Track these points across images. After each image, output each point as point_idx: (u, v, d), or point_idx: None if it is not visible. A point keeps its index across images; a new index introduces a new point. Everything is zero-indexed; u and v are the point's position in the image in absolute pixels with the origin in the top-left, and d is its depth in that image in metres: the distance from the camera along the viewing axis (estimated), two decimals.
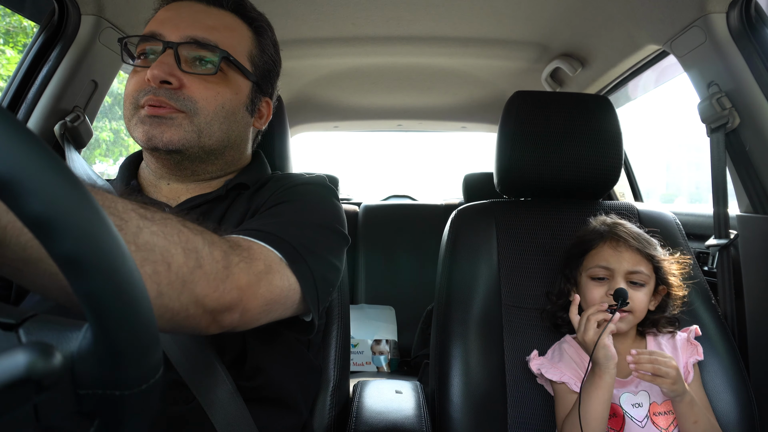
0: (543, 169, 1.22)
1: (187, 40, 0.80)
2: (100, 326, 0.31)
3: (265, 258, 0.65)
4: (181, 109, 0.79)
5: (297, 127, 2.91)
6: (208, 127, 0.82)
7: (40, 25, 1.30)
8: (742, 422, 1.02)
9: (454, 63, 2.05)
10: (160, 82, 0.78)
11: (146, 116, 0.79)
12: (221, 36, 0.83)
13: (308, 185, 0.89)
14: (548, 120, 1.22)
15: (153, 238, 0.50)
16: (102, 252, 0.29)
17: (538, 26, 1.67)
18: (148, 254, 0.49)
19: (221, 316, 0.58)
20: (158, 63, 0.78)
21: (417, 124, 3.01)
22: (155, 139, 0.79)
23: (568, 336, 1.08)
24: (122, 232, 0.47)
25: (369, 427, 1.02)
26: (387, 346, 2.29)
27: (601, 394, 0.90)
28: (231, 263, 0.58)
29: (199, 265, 0.54)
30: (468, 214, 1.27)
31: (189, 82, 0.80)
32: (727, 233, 1.27)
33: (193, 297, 0.54)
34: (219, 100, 0.83)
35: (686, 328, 1.05)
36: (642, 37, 1.45)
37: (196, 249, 0.54)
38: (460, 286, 1.18)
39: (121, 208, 0.48)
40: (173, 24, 0.81)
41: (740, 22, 1.15)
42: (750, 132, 1.19)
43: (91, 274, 0.29)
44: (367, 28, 1.70)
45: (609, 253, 1.01)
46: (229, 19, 0.86)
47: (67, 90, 1.30)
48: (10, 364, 0.28)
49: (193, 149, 0.82)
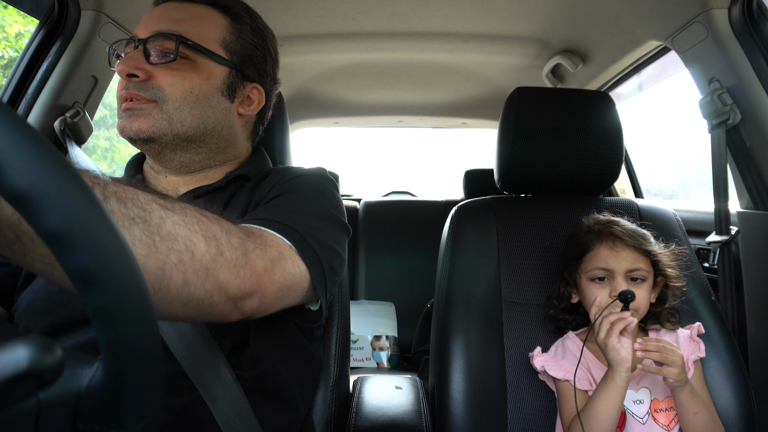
0: (543, 165, 1.22)
1: (152, 34, 0.84)
2: (113, 366, 0.32)
3: (277, 245, 0.67)
4: (152, 99, 0.83)
5: (297, 123, 2.90)
6: (177, 112, 0.84)
7: (40, 20, 1.29)
8: (742, 418, 1.03)
9: (455, 59, 2.04)
10: (127, 75, 0.82)
11: (122, 111, 0.84)
12: (187, 26, 0.85)
13: (309, 176, 0.90)
14: (549, 116, 1.22)
15: (176, 228, 0.51)
16: (120, 282, 0.30)
17: (538, 22, 1.67)
18: (172, 243, 0.50)
19: (242, 303, 0.60)
20: (125, 58, 0.83)
21: (417, 120, 3.00)
22: (126, 129, 0.83)
23: (571, 332, 1.07)
24: (146, 223, 0.49)
25: (369, 422, 1.03)
26: (387, 342, 2.30)
27: (611, 396, 0.89)
28: (248, 250, 0.60)
29: (220, 252, 0.55)
30: (468, 210, 1.27)
31: (156, 72, 0.83)
32: (727, 229, 1.27)
33: (216, 284, 0.55)
34: (186, 86, 0.84)
35: (689, 326, 1.04)
36: (643, 32, 1.45)
37: (215, 237, 0.56)
38: (460, 282, 1.18)
39: (143, 200, 0.50)
40: (145, 23, 0.86)
41: (742, 17, 1.15)
42: (751, 128, 1.19)
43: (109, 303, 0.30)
44: (368, 24, 1.70)
45: (607, 254, 1.00)
46: (199, 9, 0.89)
47: (67, 86, 1.29)
48: (12, 358, 0.28)
49: (166, 137, 0.84)
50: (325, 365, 1.05)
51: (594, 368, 1.00)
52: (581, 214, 1.21)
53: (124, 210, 0.48)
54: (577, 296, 1.06)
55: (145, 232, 0.49)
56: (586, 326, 1.08)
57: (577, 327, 1.09)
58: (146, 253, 0.48)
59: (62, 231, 0.28)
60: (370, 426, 1.01)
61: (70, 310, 0.74)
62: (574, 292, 1.06)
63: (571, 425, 0.96)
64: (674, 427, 0.95)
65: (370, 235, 2.65)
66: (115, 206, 0.47)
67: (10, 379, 0.28)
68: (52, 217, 0.28)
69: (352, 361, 2.19)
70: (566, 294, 1.07)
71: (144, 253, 0.48)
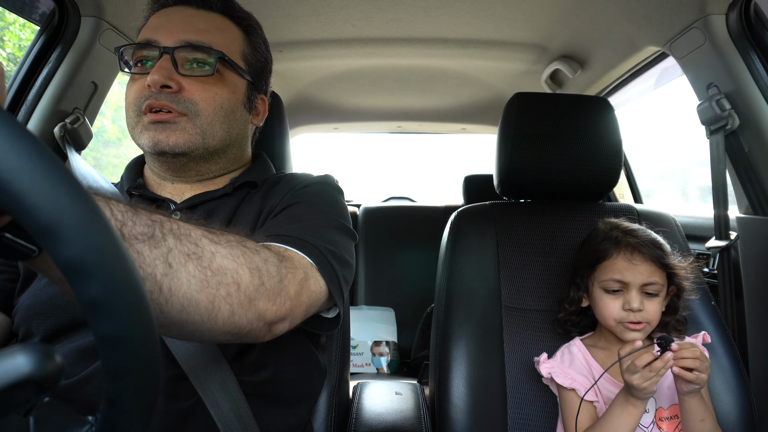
0: (543, 170, 1.22)
1: (181, 44, 0.82)
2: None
3: (303, 266, 0.69)
4: (183, 112, 0.82)
5: (297, 128, 2.91)
6: (210, 127, 0.84)
7: (40, 26, 1.30)
8: (742, 423, 1.02)
9: (454, 65, 2.05)
10: (161, 87, 0.80)
11: (150, 123, 0.81)
12: (213, 37, 0.85)
13: (318, 185, 0.91)
14: (548, 122, 1.22)
15: (224, 262, 0.55)
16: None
17: (537, 28, 1.68)
18: (222, 278, 0.54)
19: (276, 326, 0.63)
20: (157, 68, 0.80)
21: (417, 125, 3.01)
22: (161, 143, 0.81)
23: (577, 339, 1.06)
24: (200, 259, 0.52)
25: (369, 428, 1.02)
26: (387, 347, 2.29)
27: (630, 420, 0.88)
28: (283, 276, 0.63)
29: (261, 282, 0.59)
30: (468, 215, 1.27)
31: (187, 84, 0.82)
32: (727, 235, 1.27)
33: (257, 312, 0.59)
34: (218, 101, 0.85)
35: (695, 335, 1.02)
36: (641, 38, 1.45)
37: (257, 267, 0.59)
38: (459, 287, 1.18)
39: (195, 236, 0.53)
40: (166, 30, 0.83)
41: (739, 23, 1.16)
42: (749, 133, 1.20)
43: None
44: (367, 30, 1.71)
45: (623, 266, 0.96)
46: (220, 20, 0.89)
47: (67, 92, 1.30)
48: (12, 366, 0.28)
49: (198, 151, 0.85)
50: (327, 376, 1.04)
51: (602, 378, 0.99)
52: (581, 220, 1.22)
53: (180, 246, 0.51)
54: (587, 301, 1.04)
55: (199, 267, 0.52)
56: (591, 329, 1.08)
57: (583, 330, 1.09)
58: (199, 289, 0.52)
59: (79, 262, 0.29)
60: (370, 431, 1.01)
61: (70, 314, 0.74)
62: (585, 297, 1.04)
63: None
64: None
65: (369, 240, 2.65)
66: (173, 244, 0.50)
67: (10, 386, 0.28)
68: (71, 250, 0.29)
69: (352, 366, 2.18)
70: (577, 298, 1.05)
71: (197, 288, 0.52)
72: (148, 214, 0.49)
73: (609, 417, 0.90)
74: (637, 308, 0.94)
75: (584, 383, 0.99)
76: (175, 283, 0.50)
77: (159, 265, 0.49)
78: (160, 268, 0.49)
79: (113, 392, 0.32)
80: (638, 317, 0.94)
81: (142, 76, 0.82)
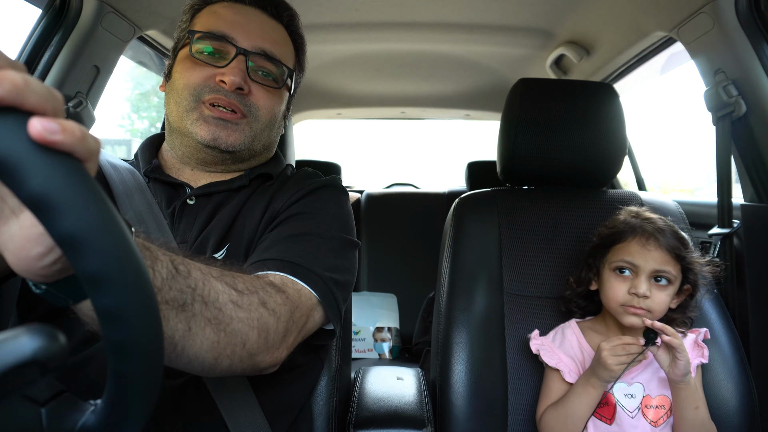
0: (546, 157, 1.21)
1: (258, 51, 0.86)
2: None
3: (308, 308, 0.73)
4: (246, 114, 0.86)
5: (299, 114, 2.90)
6: (261, 133, 0.90)
7: (42, 9, 1.29)
8: (743, 411, 1.03)
9: (458, 50, 2.03)
10: (236, 88, 0.83)
11: (212, 117, 0.83)
12: (281, 51, 0.90)
13: (325, 189, 0.92)
14: (552, 108, 1.21)
15: (239, 326, 0.58)
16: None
17: (543, 12, 1.66)
18: (231, 339, 0.57)
19: (266, 370, 0.67)
20: (235, 69, 0.83)
21: (420, 111, 2.99)
22: (220, 140, 0.84)
23: (573, 321, 1.07)
24: (219, 324, 0.56)
25: (371, 413, 1.03)
26: (389, 333, 2.31)
27: (587, 401, 0.93)
28: (288, 330, 0.67)
29: (266, 341, 0.62)
30: (470, 202, 1.27)
31: (255, 89, 0.86)
32: (730, 222, 1.27)
33: (253, 363, 0.63)
34: (275, 110, 0.91)
35: (695, 330, 1.03)
36: (648, 23, 1.43)
37: (267, 330, 0.62)
38: (462, 273, 1.18)
39: (221, 301, 0.56)
40: (245, 31, 0.86)
41: (749, 8, 1.14)
42: (756, 120, 1.18)
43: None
44: (370, 14, 1.69)
45: (636, 249, 0.96)
46: (284, 34, 0.93)
47: (69, 76, 1.29)
48: (17, 347, 0.28)
49: (244, 151, 0.89)
50: (327, 356, 1.05)
51: (589, 362, 1.00)
52: (584, 207, 1.21)
53: (205, 312, 0.54)
54: (596, 284, 1.04)
55: (215, 331, 0.55)
56: (594, 314, 1.08)
57: (585, 314, 1.09)
58: (209, 350, 0.55)
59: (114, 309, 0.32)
60: (372, 416, 1.02)
61: None
62: (595, 280, 1.05)
63: (545, 415, 0.99)
64: (662, 424, 0.95)
65: (372, 226, 2.65)
66: (198, 309, 0.53)
67: (15, 367, 0.28)
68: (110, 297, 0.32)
69: (354, 352, 2.20)
70: (587, 279, 1.05)
71: (207, 349, 0.55)
72: (186, 276, 0.52)
73: (569, 396, 0.95)
74: (643, 294, 0.93)
75: (569, 365, 1.01)
76: (189, 344, 0.53)
77: (180, 328, 0.52)
78: (180, 331, 0.52)
79: (117, 367, 0.33)
80: (642, 303, 0.94)
81: (206, 65, 0.84)
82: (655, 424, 0.95)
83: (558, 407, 0.97)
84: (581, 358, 1.01)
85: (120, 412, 0.34)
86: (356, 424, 1.00)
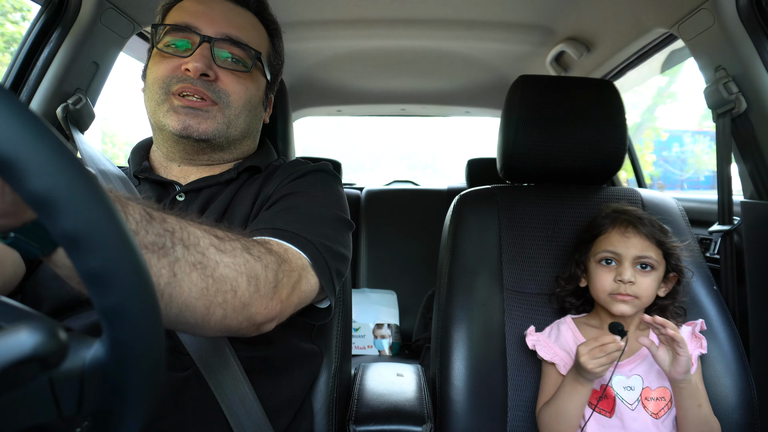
0: (546, 153, 1.21)
1: (222, 36, 0.86)
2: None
3: (298, 266, 0.71)
4: (216, 101, 0.86)
5: (300, 111, 2.89)
6: (236, 119, 0.89)
7: (41, 5, 1.28)
8: (742, 407, 1.03)
9: (458, 46, 2.02)
10: (200, 75, 0.83)
11: (181, 106, 0.84)
12: (249, 36, 0.89)
13: (315, 173, 0.93)
14: (552, 104, 1.21)
15: (226, 271, 0.57)
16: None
17: (543, 9, 1.65)
18: (221, 285, 0.56)
19: (264, 326, 0.66)
20: (199, 56, 0.83)
21: (420, 108, 2.99)
22: (191, 128, 0.84)
23: (569, 317, 1.08)
24: (204, 269, 0.54)
25: (370, 409, 1.03)
26: (389, 329, 2.31)
27: (578, 398, 0.94)
28: (278, 281, 0.65)
29: (257, 289, 0.61)
30: (470, 198, 1.27)
31: (222, 75, 0.86)
32: (730, 219, 1.27)
33: (248, 315, 0.61)
34: (247, 95, 0.90)
35: (691, 322, 1.04)
36: (649, 20, 1.43)
37: (256, 276, 0.61)
38: (461, 270, 1.18)
39: (203, 245, 0.55)
40: (208, 18, 0.86)
41: (750, 4, 1.13)
42: (757, 117, 1.18)
43: None
44: (370, 11, 1.68)
45: (617, 238, 1.01)
46: (253, 20, 0.93)
47: (68, 72, 1.29)
48: (16, 343, 0.28)
49: (220, 139, 0.88)
50: (327, 353, 1.05)
51: None
52: (584, 204, 1.21)
53: (188, 256, 0.53)
54: (585, 281, 1.07)
55: (202, 276, 0.54)
56: (588, 311, 1.09)
57: (579, 311, 1.10)
58: (198, 296, 0.54)
59: (100, 270, 0.31)
60: (372, 412, 1.02)
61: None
62: (584, 276, 1.07)
63: (541, 411, 1.01)
64: (663, 416, 0.96)
65: (372, 223, 2.65)
66: (181, 253, 0.52)
67: (15, 363, 0.28)
68: (93, 259, 0.31)
69: (354, 348, 2.20)
70: (576, 276, 1.08)
71: (197, 296, 0.54)
72: (162, 221, 0.51)
73: (560, 393, 0.96)
74: (628, 280, 0.97)
75: (564, 358, 1.02)
76: (176, 291, 0.52)
77: (164, 274, 0.50)
78: (165, 277, 0.51)
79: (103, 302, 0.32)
80: (629, 290, 0.97)
81: (173, 56, 0.85)
82: (657, 416, 0.95)
83: (551, 404, 0.98)
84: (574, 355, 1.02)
85: (128, 347, 0.33)
86: (356, 420, 1.01)
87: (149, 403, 0.34)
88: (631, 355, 1.00)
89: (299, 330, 0.92)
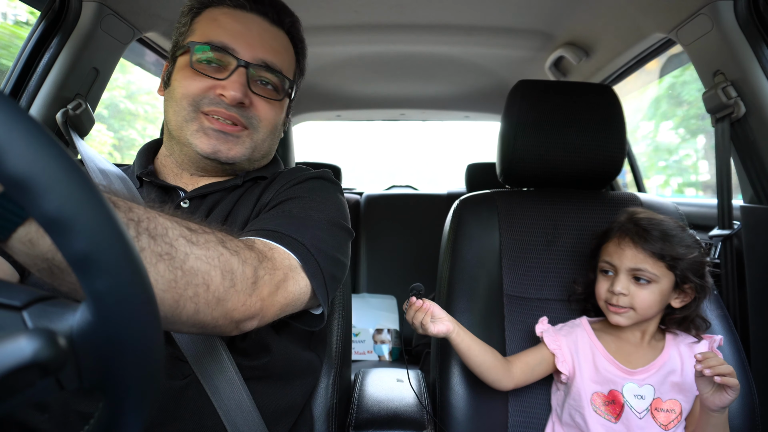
0: (546, 158, 1.21)
1: (259, 62, 0.85)
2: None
3: (284, 266, 0.69)
4: (247, 126, 0.86)
5: (299, 116, 2.90)
6: (262, 143, 0.90)
7: (41, 11, 1.29)
8: (743, 412, 1.03)
9: (458, 51, 2.03)
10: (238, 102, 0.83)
11: (212, 129, 0.83)
12: (282, 60, 0.89)
13: (314, 180, 0.91)
14: (551, 109, 1.21)
15: (197, 263, 0.55)
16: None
17: (542, 14, 1.66)
18: (191, 278, 0.54)
19: (243, 324, 0.63)
20: (236, 83, 0.82)
21: (420, 113, 2.99)
22: (221, 153, 0.84)
23: (585, 319, 1.08)
24: (172, 260, 0.52)
25: (370, 414, 1.03)
26: (388, 335, 2.30)
27: (460, 350, 0.99)
28: (258, 278, 0.63)
29: (233, 284, 0.59)
30: (470, 203, 1.27)
31: (256, 101, 0.86)
32: (730, 224, 1.27)
33: (224, 311, 0.59)
34: (275, 120, 0.91)
35: (709, 336, 1.01)
36: (648, 25, 1.43)
37: (232, 270, 0.59)
38: (461, 275, 1.18)
39: (172, 235, 0.53)
40: (246, 42, 0.84)
41: (748, 9, 1.14)
42: (755, 122, 1.19)
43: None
44: (370, 16, 1.69)
45: (613, 249, 1.00)
46: (285, 41, 0.92)
47: (68, 78, 1.29)
48: (15, 350, 0.28)
49: (244, 162, 0.89)
50: (327, 358, 1.05)
51: (600, 357, 1.01)
52: (583, 209, 1.21)
53: (154, 247, 0.50)
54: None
55: (170, 268, 0.52)
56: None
57: (599, 313, 1.08)
58: (166, 288, 0.51)
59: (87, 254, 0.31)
60: (372, 418, 1.02)
61: None
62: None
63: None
64: (672, 428, 0.94)
65: (371, 228, 2.65)
66: (146, 243, 0.50)
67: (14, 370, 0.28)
68: (78, 243, 0.30)
69: (354, 354, 2.19)
70: (590, 280, 1.08)
71: (164, 288, 0.51)
72: (127, 210, 0.49)
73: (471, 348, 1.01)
74: (619, 291, 0.97)
75: (565, 356, 1.02)
76: None
77: None
78: None
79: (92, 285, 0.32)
80: (620, 301, 0.97)
81: (207, 77, 0.83)
82: (666, 428, 0.94)
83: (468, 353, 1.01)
84: (590, 357, 1.01)
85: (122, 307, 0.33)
86: (356, 426, 1.00)
87: (154, 381, 0.34)
88: (646, 364, 0.98)
89: (297, 338, 0.91)
